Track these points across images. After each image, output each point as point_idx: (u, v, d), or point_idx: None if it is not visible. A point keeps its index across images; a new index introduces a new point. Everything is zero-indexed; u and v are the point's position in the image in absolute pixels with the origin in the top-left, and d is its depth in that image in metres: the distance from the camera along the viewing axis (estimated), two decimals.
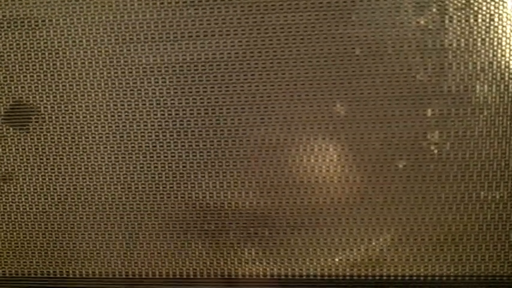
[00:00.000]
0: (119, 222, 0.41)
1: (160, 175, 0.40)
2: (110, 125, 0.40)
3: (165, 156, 0.40)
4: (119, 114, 0.40)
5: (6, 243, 0.43)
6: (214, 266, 0.41)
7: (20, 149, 0.41)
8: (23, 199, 0.42)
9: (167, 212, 0.41)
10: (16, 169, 0.42)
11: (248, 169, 0.39)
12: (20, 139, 0.41)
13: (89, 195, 0.41)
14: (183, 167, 0.40)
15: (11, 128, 0.41)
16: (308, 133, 0.38)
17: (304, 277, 0.40)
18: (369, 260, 0.39)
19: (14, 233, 0.43)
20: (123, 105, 0.39)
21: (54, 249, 0.42)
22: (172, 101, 0.39)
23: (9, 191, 0.42)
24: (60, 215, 0.42)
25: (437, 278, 0.39)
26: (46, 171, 0.41)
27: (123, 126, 0.40)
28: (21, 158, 0.41)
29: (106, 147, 0.40)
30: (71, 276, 0.43)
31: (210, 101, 0.39)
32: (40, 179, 0.41)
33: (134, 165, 0.40)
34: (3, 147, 0.41)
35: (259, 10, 0.37)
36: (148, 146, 0.40)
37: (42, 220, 0.42)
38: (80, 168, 0.41)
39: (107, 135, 0.40)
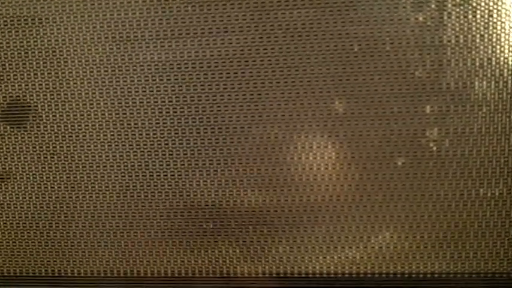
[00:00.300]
0: (117, 221, 0.41)
1: (158, 173, 0.40)
2: (107, 123, 0.40)
3: (163, 154, 0.40)
4: (117, 112, 0.40)
5: (4, 243, 0.43)
6: (213, 265, 0.41)
7: (18, 148, 0.41)
8: (20, 198, 0.42)
9: (165, 210, 0.41)
10: (14, 168, 0.41)
11: (247, 167, 0.39)
12: (17, 138, 0.41)
13: (87, 194, 0.41)
14: (181, 165, 0.40)
15: (8, 127, 0.41)
16: (307, 130, 0.38)
17: (303, 275, 0.40)
18: (368, 258, 0.39)
19: (11, 232, 0.43)
20: (120, 103, 0.39)
21: (51, 248, 0.42)
22: (170, 99, 0.39)
23: (6, 190, 0.42)
24: (59, 214, 0.42)
25: (436, 275, 0.39)
26: (43, 170, 0.41)
27: (121, 124, 0.40)
28: (18, 156, 0.41)
29: (104, 146, 0.40)
30: (68, 275, 0.43)
31: (208, 98, 0.39)
32: (37, 178, 0.41)
33: (132, 163, 0.40)
34: (1, 146, 0.41)
35: (257, 8, 0.37)
36: (146, 144, 0.40)
37: (39, 219, 0.42)
38: (77, 167, 0.41)
39: (105, 133, 0.40)
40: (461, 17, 0.36)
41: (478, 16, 0.36)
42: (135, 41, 0.38)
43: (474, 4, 0.36)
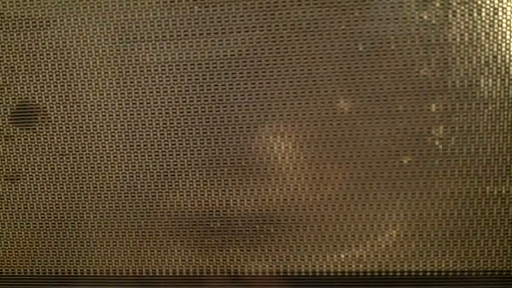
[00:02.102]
0: (126, 221, 0.41)
1: (166, 173, 0.40)
2: (115, 124, 0.40)
3: (170, 155, 0.40)
4: (124, 113, 0.40)
5: (15, 243, 0.43)
6: (220, 263, 0.41)
7: (27, 149, 0.41)
8: (30, 199, 0.42)
9: (173, 210, 0.41)
10: (23, 169, 0.42)
11: (254, 166, 0.39)
12: (26, 139, 0.41)
13: (96, 194, 0.41)
14: (189, 165, 0.40)
15: (17, 128, 0.41)
16: (312, 130, 0.38)
17: (310, 274, 0.40)
18: (375, 256, 0.39)
19: (22, 232, 0.43)
20: (127, 104, 0.40)
21: (61, 248, 0.43)
22: (176, 100, 0.39)
23: (16, 190, 0.42)
24: (68, 214, 0.42)
25: (443, 273, 0.39)
26: (53, 170, 0.41)
27: (129, 125, 0.40)
28: (28, 158, 0.42)
29: (112, 147, 0.40)
30: (78, 274, 0.43)
31: (214, 98, 0.39)
32: (47, 179, 0.42)
33: (140, 164, 0.40)
34: (10, 147, 0.42)
35: (262, 7, 0.37)
36: (153, 145, 0.40)
37: (50, 219, 0.42)
38: (87, 167, 0.41)
39: (113, 134, 0.40)
40: (466, 15, 0.36)
41: (483, 14, 0.36)
42: (142, 42, 0.39)
43: (479, 2, 0.36)
